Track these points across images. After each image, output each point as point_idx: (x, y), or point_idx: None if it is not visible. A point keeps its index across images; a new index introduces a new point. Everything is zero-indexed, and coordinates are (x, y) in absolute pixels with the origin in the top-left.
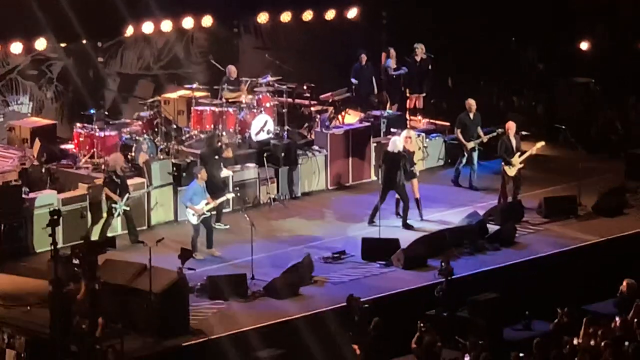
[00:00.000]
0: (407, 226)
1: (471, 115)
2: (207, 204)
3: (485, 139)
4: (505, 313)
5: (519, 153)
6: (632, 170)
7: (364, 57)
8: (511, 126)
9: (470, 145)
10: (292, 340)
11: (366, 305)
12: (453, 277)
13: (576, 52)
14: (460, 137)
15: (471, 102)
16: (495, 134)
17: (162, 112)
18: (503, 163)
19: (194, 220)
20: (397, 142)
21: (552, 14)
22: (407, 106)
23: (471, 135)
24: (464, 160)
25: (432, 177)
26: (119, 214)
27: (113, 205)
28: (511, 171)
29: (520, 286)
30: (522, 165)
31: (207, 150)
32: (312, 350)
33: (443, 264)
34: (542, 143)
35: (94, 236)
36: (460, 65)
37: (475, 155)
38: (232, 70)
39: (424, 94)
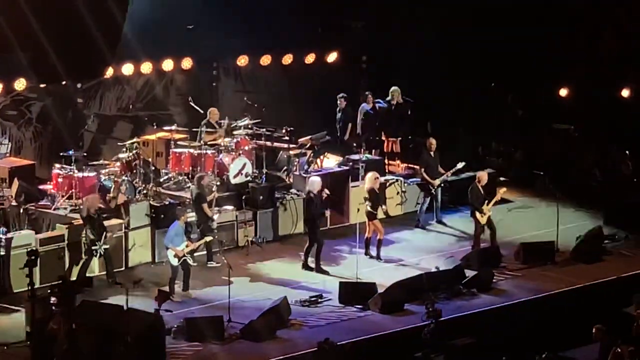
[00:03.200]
0: (307, 267)
1: (432, 154)
2: (187, 245)
3: (449, 174)
4: (482, 358)
5: (487, 201)
6: (610, 216)
7: (342, 101)
8: (482, 176)
9: (436, 182)
10: None
11: (347, 348)
12: (441, 318)
13: (556, 98)
14: (426, 175)
15: (432, 141)
16: (457, 168)
17: (141, 153)
18: (475, 211)
19: (175, 261)
20: (313, 183)
21: (532, 60)
22: (384, 150)
23: (434, 173)
24: (427, 201)
25: (410, 222)
26: (100, 255)
27: (92, 247)
28: (483, 219)
29: (497, 331)
30: (490, 212)
31: (202, 190)
32: None
33: (429, 306)
34: (504, 189)
35: (73, 276)
36: (439, 109)
37: (440, 192)
38: (213, 112)
39: (400, 138)
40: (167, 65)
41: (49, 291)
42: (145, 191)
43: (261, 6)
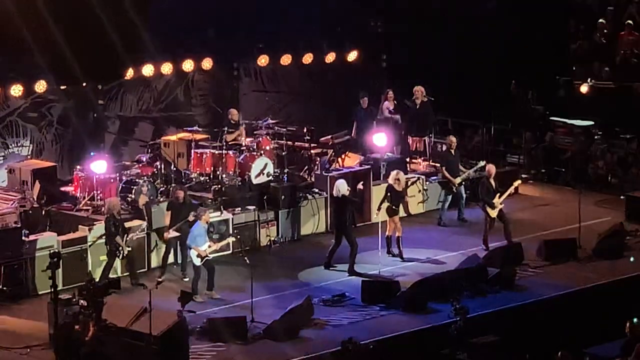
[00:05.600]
0: (353, 272)
1: (453, 152)
2: (209, 246)
3: (471, 172)
4: (506, 356)
5: (498, 194)
6: (631, 212)
7: (365, 100)
8: (491, 169)
9: (457, 180)
10: None
11: (371, 347)
12: (468, 315)
13: (575, 95)
14: (447, 174)
15: (452, 139)
16: (479, 166)
17: (162, 154)
18: (485, 205)
19: (197, 261)
20: (340, 187)
21: (552, 57)
22: (410, 149)
23: (455, 171)
24: (449, 199)
25: (432, 220)
26: (123, 256)
27: (115, 249)
28: (493, 212)
29: (521, 329)
30: (502, 205)
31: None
32: None
33: (455, 303)
34: (519, 181)
35: (95, 278)
36: (460, 107)
37: (462, 189)
38: (233, 113)
39: (426, 137)
40: (188, 65)
41: (74, 293)
42: (167, 192)
43: (281, 6)
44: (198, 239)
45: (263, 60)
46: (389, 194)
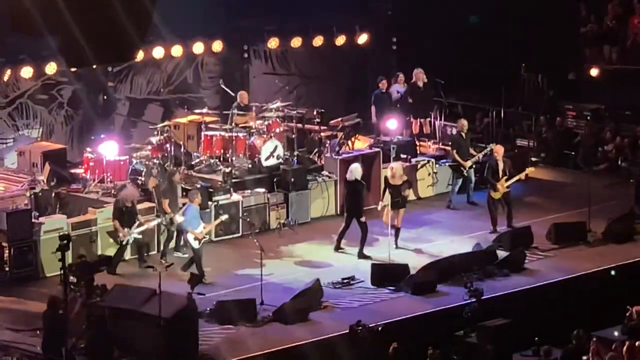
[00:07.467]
0: (362, 256)
1: (464, 135)
2: (204, 227)
3: (480, 156)
4: (515, 339)
5: (506, 177)
6: None
7: (384, 83)
8: (499, 150)
9: (468, 164)
10: None
11: (380, 328)
12: (483, 297)
13: (586, 78)
14: (457, 157)
15: (463, 122)
16: (489, 150)
17: (172, 136)
18: (489, 186)
19: (195, 244)
20: (353, 171)
21: (562, 41)
22: (412, 131)
23: (465, 154)
24: (459, 182)
25: (441, 204)
26: (130, 242)
27: (123, 238)
28: (495, 194)
29: (530, 312)
30: (508, 189)
31: (169, 185)
32: None
33: (469, 285)
34: (532, 169)
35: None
36: (470, 91)
37: (472, 172)
38: (243, 96)
39: (429, 119)
40: (198, 48)
41: (67, 270)
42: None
43: None
44: (193, 221)
45: (273, 43)
46: (388, 189)
